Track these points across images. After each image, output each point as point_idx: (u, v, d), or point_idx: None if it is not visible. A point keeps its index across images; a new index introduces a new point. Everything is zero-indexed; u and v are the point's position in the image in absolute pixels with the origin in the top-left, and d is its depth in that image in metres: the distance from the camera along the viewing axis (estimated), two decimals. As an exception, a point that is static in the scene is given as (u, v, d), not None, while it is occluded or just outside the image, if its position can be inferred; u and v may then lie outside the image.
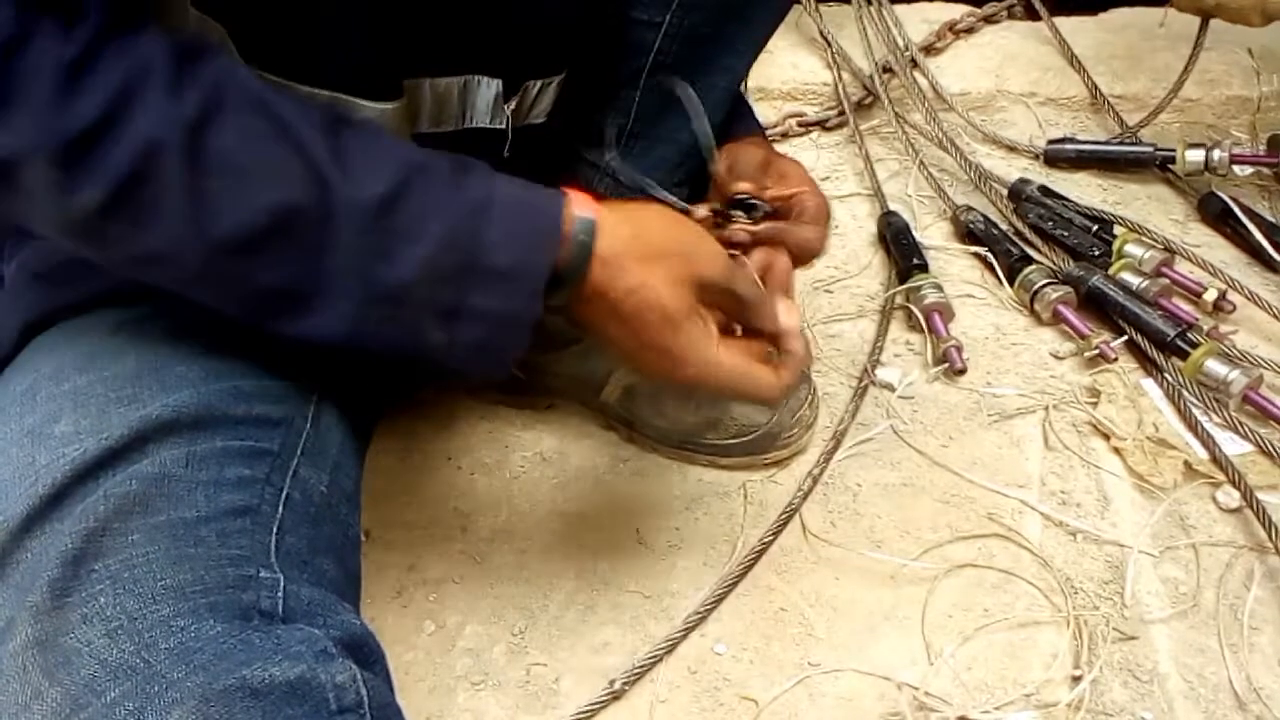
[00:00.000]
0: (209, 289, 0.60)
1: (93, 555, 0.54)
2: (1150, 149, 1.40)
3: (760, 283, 0.75)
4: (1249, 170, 1.38)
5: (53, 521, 0.55)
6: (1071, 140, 1.45)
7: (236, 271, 0.58)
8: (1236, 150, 1.36)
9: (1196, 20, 1.41)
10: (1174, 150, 1.38)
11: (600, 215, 0.63)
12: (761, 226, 0.83)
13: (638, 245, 0.64)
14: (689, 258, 0.66)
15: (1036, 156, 1.45)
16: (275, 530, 0.60)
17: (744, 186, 0.84)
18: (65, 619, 0.51)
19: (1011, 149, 1.47)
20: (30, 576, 0.53)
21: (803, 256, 0.85)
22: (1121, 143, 1.44)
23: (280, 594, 0.56)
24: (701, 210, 0.85)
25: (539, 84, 0.78)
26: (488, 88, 0.74)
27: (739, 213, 0.84)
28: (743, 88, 0.92)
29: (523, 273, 0.60)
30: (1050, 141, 1.45)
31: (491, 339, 0.62)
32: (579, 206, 0.63)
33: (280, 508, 0.62)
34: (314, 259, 0.58)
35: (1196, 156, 1.36)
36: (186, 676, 0.49)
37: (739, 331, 0.73)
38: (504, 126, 0.76)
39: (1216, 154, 1.35)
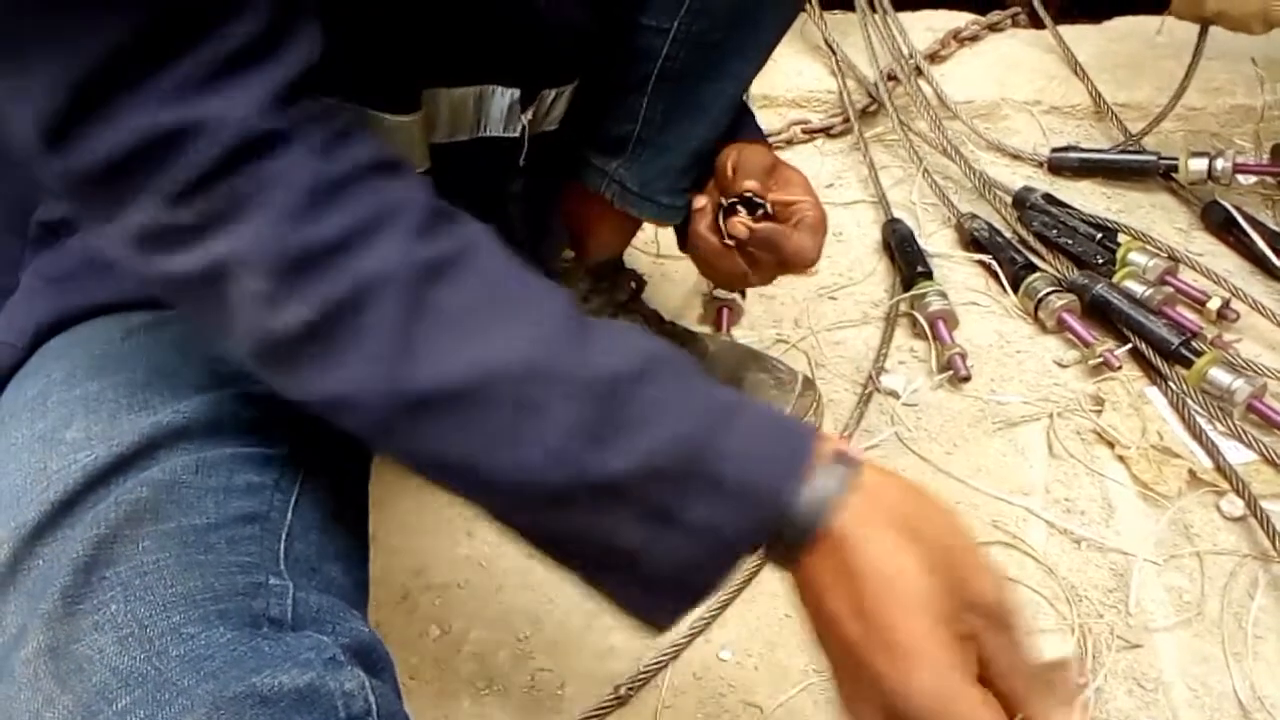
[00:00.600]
0: (392, 443, 0.54)
1: (104, 562, 0.53)
2: (1153, 158, 1.41)
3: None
4: (1252, 179, 1.38)
5: (64, 528, 0.55)
6: (1075, 149, 1.45)
7: (421, 430, 0.52)
8: (1240, 159, 1.36)
9: (1198, 28, 1.41)
10: (1177, 159, 1.38)
11: (864, 463, 0.53)
12: (760, 226, 0.83)
13: (904, 518, 0.52)
14: (966, 562, 0.52)
15: (1040, 164, 1.45)
16: (284, 537, 0.60)
17: (749, 185, 0.83)
18: (77, 626, 0.51)
19: (1016, 157, 1.48)
20: (42, 583, 0.53)
21: (796, 264, 0.85)
22: (1124, 151, 1.44)
23: (289, 601, 0.56)
24: (701, 200, 0.85)
25: (554, 93, 0.78)
26: (503, 97, 0.74)
27: (741, 208, 0.84)
28: (746, 97, 0.92)
29: (757, 492, 0.51)
30: (1054, 150, 1.45)
31: (694, 559, 0.52)
32: (836, 445, 0.53)
33: (289, 514, 0.62)
34: (515, 432, 0.51)
35: (1200, 165, 1.36)
36: (197, 684, 0.49)
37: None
38: (519, 134, 0.76)
39: (1219, 163, 1.35)
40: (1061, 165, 1.44)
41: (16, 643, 0.52)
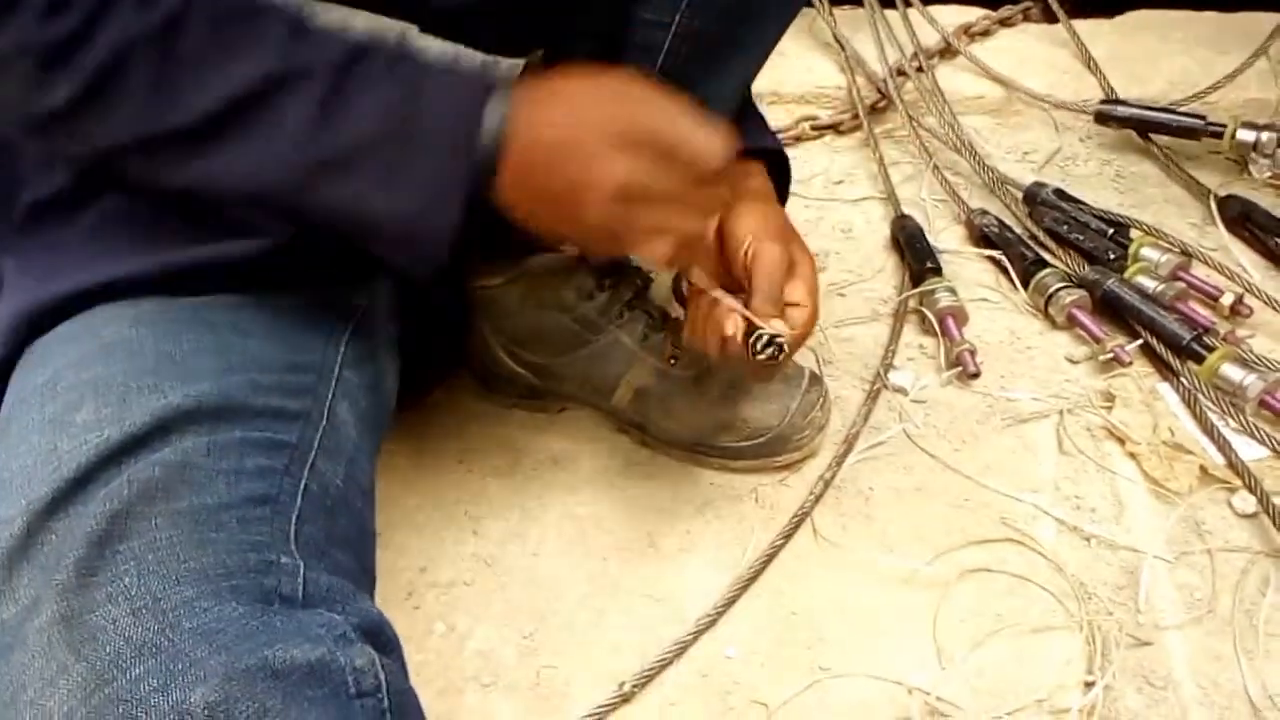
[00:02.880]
0: (170, 176, 0.63)
1: (117, 537, 0.55)
2: (1201, 120, 1.40)
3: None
4: (1267, 173, 1.37)
5: (77, 504, 0.56)
6: (1123, 102, 1.45)
7: (188, 158, 0.62)
8: None
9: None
10: (1224, 125, 1.37)
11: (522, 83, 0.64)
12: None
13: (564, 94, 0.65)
14: (633, 106, 0.65)
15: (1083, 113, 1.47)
16: (294, 519, 0.61)
17: (780, 328, 0.78)
18: (91, 597, 0.52)
19: (1060, 107, 1.48)
20: (56, 556, 0.54)
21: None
22: (1171, 111, 1.43)
23: (300, 580, 0.57)
24: (731, 304, 0.79)
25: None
26: None
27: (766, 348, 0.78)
28: (756, 97, 0.92)
29: (462, 133, 0.62)
30: (1102, 101, 1.46)
31: (429, 205, 0.63)
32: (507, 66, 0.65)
33: (299, 498, 0.63)
34: (264, 136, 0.61)
35: (1248, 136, 1.36)
36: (209, 655, 0.50)
37: None
38: None
39: (1265, 136, 1.35)
40: (1108, 117, 1.45)
41: (30, 612, 0.53)
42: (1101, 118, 1.45)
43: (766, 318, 0.77)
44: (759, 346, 0.77)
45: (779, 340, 0.77)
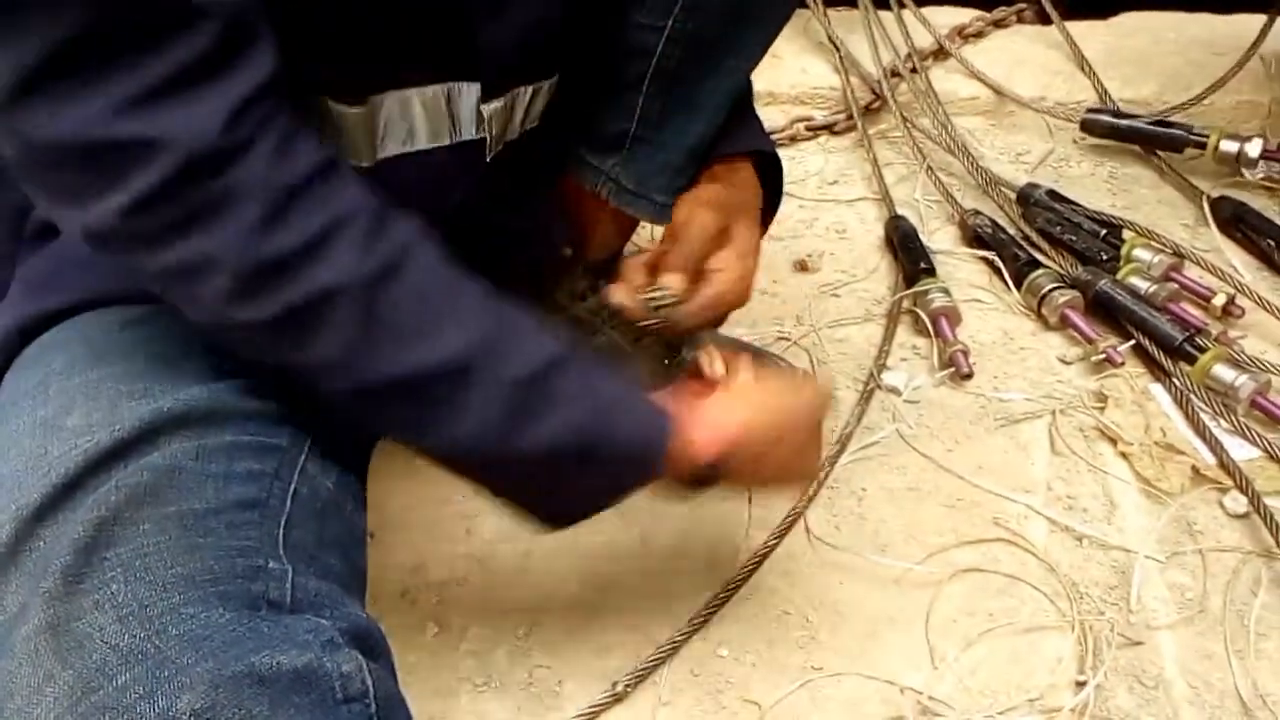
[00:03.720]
0: (351, 413, 0.65)
1: (105, 543, 0.55)
2: (1184, 131, 1.40)
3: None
4: (1260, 174, 1.37)
5: (65, 510, 0.56)
6: (1108, 111, 1.45)
7: (373, 411, 0.64)
8: (1268, 147, 1.36)
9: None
10: (1208, 135, 1.38)
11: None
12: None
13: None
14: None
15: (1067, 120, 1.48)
16: (283, 524, 0.61)
17: (671, 282, 0.81)
18: (78, 604, 0.52)
19: (1048, 114, 1.49)
20: (43, 563, 0.54)
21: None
22: (1157, 123, 1.43)
23: (288, 585, 0.57)
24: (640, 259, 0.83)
25: (530, 90, 0.77)
26: (469, 94, 0.73)
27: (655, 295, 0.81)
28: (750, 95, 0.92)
29: (636, 465, 0.70)
30: (1088, 110, 1.46)
31: (584, 509, 0.73)
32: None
33: (288, 502, 0.63)
34: (448, 418, 0.63)
35: (1231, 147, 1.36)
36: (196, 662, 0.50)
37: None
38: (483, 135, 0.75)
39: (1248, 146, 1.35)
40: (1094, 126, 1.45)
41: (17, 620, 0.53)
42: (1087, 126, 1.46)
43: (675, 274, 0.80)
44: (651, 305, 0.81)
45: (665, 303, 0.80)
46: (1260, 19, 1.47)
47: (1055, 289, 1.17)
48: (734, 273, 0.82)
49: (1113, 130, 1.44)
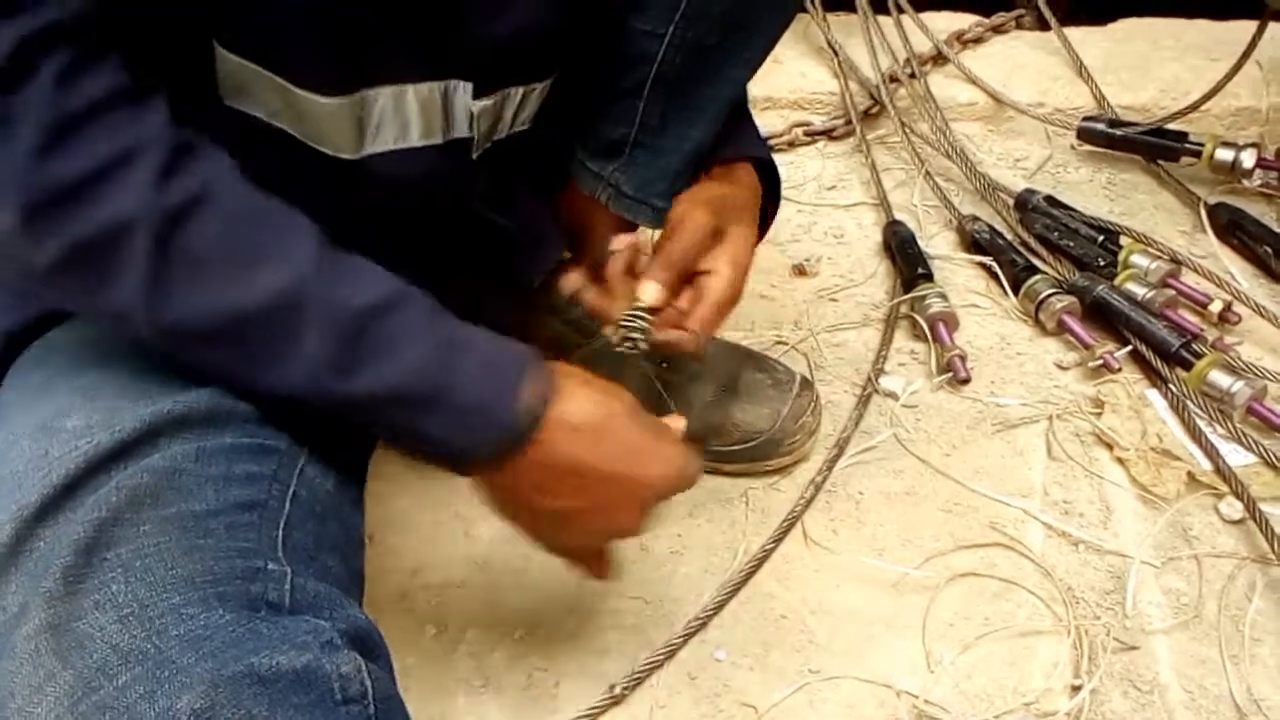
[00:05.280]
0: (160, 347, 0.61)
1: (105, 544, 0.55)
2: (1179, 141, 1.41)
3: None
4: (1258, 181, 1.38)
5: (66, 511, 0.56)
6: (1104, 120, 1.46)
7: (186, 351, 0.61)
8: (1264, 156, 1.36)
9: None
10: (1203, 144, 1.38)
11: (564, 384, 0.66)
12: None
13: (583, 383, 0.68)
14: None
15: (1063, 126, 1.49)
16: (282, 525, 0.61)
17: (652, 297, 0.79)
18: (78, 605, 0.53)
19: (1045, 121, 1.50)
20: (44, 563, 0.54)
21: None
22: (1153, 131, 1.44)
23: (287, 586, 0.57)
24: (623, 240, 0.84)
25: (521, 91, 0.77)
26: (464, 92, 0.73)
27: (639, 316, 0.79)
28: (748, 101, 0.92)
29: (486, 412, 0.63)
30: (1084, 118, 1.46)
31: (434, 456, 0.66)
32: (540, 374, 0.65)
33: (287, 504, 0.63)
34: (269, 361, 0.60)
35: (1226, 155, 1.37)
36: (196, 662, 0.50)
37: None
38: (472, 134, 0.75)
39: (1243, 155, 1.35)
40: (1090, 134, 1.45)
41: (18, 620, 0.53)
42: (1083, 135, 1.46)
43: (656, 279, 0.79)
44: (615, 338, 0.80)
45: (633, 334, 0.79)
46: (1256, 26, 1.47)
47: (1052, 294, 1.17)
48: (724, 276, 0.81)
49: (1108, 139, 1.45)
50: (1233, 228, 1.31)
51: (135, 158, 0.55)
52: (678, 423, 0.75)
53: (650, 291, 0.79)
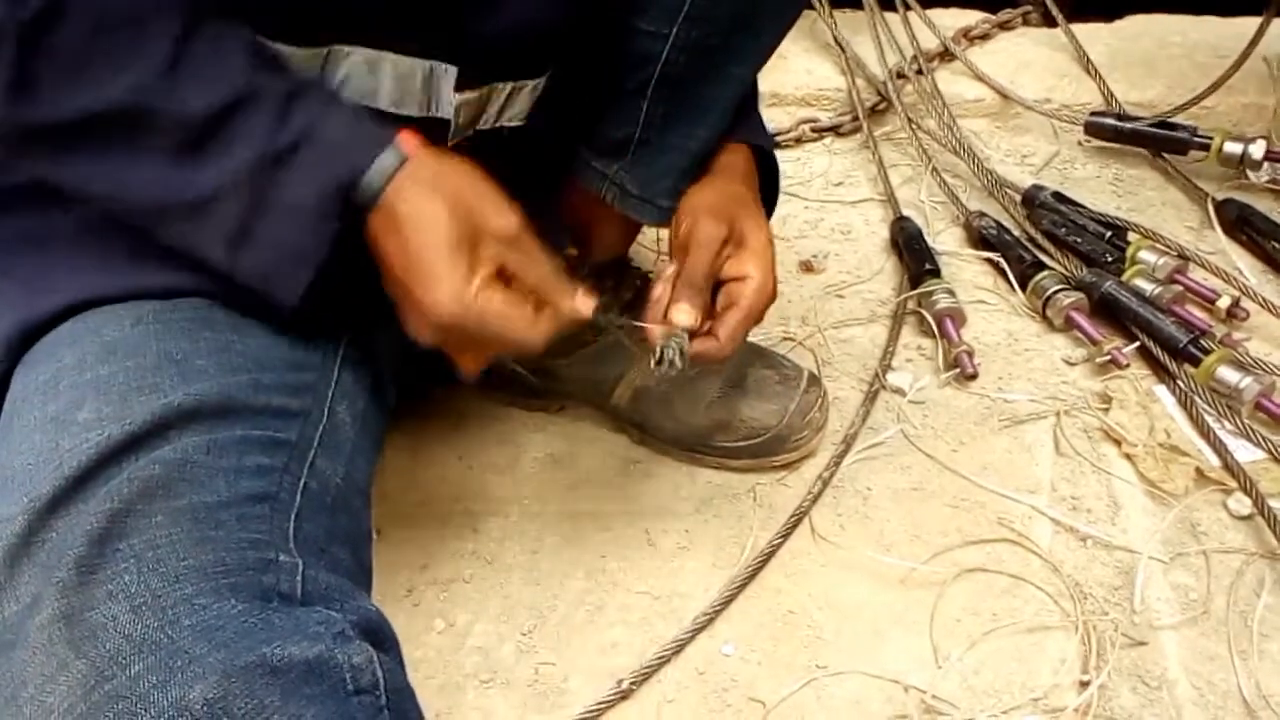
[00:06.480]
0: (26, 164, 0.64)
1: (117, 535, 0.55)
2: (1187, 133, 1.40)
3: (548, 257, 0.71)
4: (1265, 176, 1.37)
5: (78, 502, 0.56)
6: (1112, 114, 1.45)
7: (53, 158, 0.62)
8: (1274, 149, 1.36)
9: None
10: (1211, 138, 1.38)
11: (411, 153, 0.65)
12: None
13: (440, 184, 0.65)
14: (484, 207, 0.66)
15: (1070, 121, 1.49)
16: (293, 517, 0.61)
17: (683, 320, 0.79)
18: (91, 595, 0.53)
19: (1052, 116, 1.49)
20: (56, 554, 0.54)
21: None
22: (1161, 125, 1.43)
23: (299, 578, 0.58)
24: (659, 289, 0.82)
25: (509, 86, 0.77)
26: (450, 77, 0.73)
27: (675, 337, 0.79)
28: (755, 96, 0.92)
29: (315, 211, 0.63)
30: (1092, 113, 1.46)
31: (276, 269, 0.65)
32: (389, 146, 0.65)
33: (298, 496, 0.63)
34: (121, 162, 0.61)
35: (1234, 148, 1.36)
36: (208, 652, 0.51)
37: None
38: (450, 117, 0.75)
39: (1252, 148, 1.35)
40: (1098, 129, 1.45)
41: (31, 610, 0.53)
42: (1091, 129, 1.46)
43: (688, 301, 0.79)
44: (653, 363, 0.79)
45: (669, 354, 0.78)
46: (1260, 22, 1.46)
47: (1060, 291, 1.17)
48: (755, 279, 0.81)
49: (1116, 133, 1.45)
50: (1240, 223, 1.30)
51: None
52: (577, 300, 0.71)
53: (684, 316, 0.79)
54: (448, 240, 0.64)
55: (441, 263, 0.64)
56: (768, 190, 0.91)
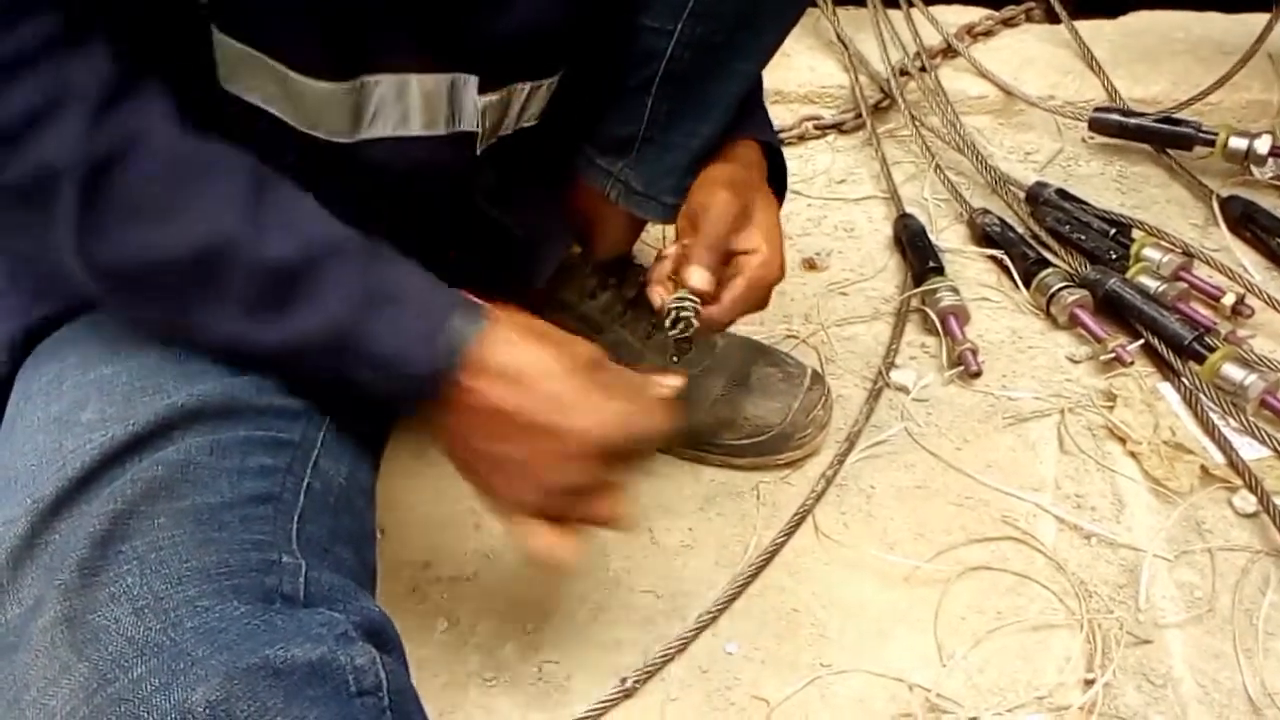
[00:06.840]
0: (96, 290, 0.62)
1: (120, 537, 0.55)
2: (1193, 129, 1.40)
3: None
4: (1270, 172, 1.37)
5: (81, 504, 0.56)
6: (1117, 110, 1.45)
7: (120, 294, 0.62)
8: (1278, 144, 1.35)
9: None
10: (1216, 133, 1.37)
11: (497, 330, 0.65)
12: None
13: (522, 327, 0.66)
14: (569, 342, 0.68)
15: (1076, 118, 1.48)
16: (296, 518, 0.61)
17: (698, 284, 0.79)
18: (93, 597, 0.53)
19: (1055, 113, 1.49)
20: (59, 556, 0.54)
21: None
22: (1165, 120, 1.43)
23: (302, 579, 0.58)
24: (669, 251, 0.82)
25: (528, 87, 0.77)
26: (472, 86, 0.72)
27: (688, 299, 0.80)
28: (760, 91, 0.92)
29: (404, 360, 0.62)
30: (1096, 109, 1.46)
31: (379, 398, 0.65)
32: (470, 319, 0.64)
33: (301, 496, 0.63)
34: (194, 307, 0.61)
35: (1240, 144, 1.36)
36: (211, 655, 0.51)
37: None
38: (478, 128, 0.75)
39: (1257, 143, 1.35)
40: (1102, 125, 1.45)
41: (34, 613, 0.53)
42: (1095, 125, 1.46)
43: (702, 264, 0.79)
44: (668, 323, 0.80)
45: (685, 314, 0.79)
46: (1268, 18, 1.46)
47: (1064, 288, 1.17)
48: (763, 253, 0.81)
49: (1121, 129, 1.44)
50: (1245, 220, 1.30)
51: (66, 104, 0.56)
52: (666, 380, 0.73)
53: (698, 277, 0.79)
54: (565, 371, 0.65)
55: (572, 391, 0.65)
56: (774, 186, 0.90)
